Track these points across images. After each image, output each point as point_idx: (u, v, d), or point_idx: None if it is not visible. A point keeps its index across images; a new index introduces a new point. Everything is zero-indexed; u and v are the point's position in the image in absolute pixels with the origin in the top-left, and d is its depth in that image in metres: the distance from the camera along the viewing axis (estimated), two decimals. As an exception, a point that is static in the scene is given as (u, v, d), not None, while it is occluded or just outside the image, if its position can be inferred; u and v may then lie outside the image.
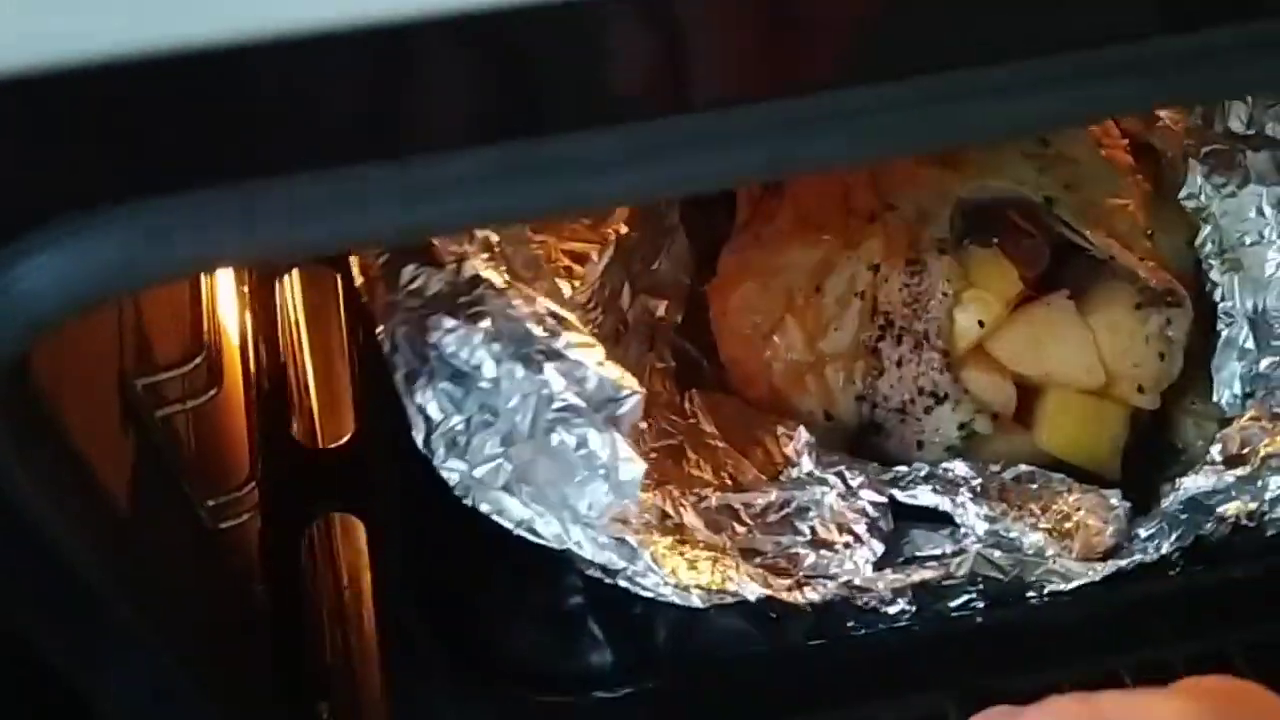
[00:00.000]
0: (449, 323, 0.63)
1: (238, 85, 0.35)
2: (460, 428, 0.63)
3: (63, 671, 0.49)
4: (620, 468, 0.61)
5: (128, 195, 0.36)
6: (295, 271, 0.77)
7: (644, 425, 0.69)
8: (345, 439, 0.71)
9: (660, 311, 0.79)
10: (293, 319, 0.76)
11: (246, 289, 0.78)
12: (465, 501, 0.64)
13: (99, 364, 0.55)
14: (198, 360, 0.65)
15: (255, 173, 0.37)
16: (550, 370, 0.62)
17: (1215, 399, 0.74)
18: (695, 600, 0.63)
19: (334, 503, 0.70)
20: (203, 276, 0.69)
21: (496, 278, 0.63)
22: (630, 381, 0.61)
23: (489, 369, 0.62)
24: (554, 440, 0.62)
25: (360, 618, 0.68)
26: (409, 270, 0.64)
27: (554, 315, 0.63)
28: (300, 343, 0.76)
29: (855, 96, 0.40)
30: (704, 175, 0.42)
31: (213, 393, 0.66)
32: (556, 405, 0.61)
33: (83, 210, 0.36)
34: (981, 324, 0.70)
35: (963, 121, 0.43)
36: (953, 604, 0.67)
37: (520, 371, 0.62)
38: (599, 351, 0.62)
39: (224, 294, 0.75)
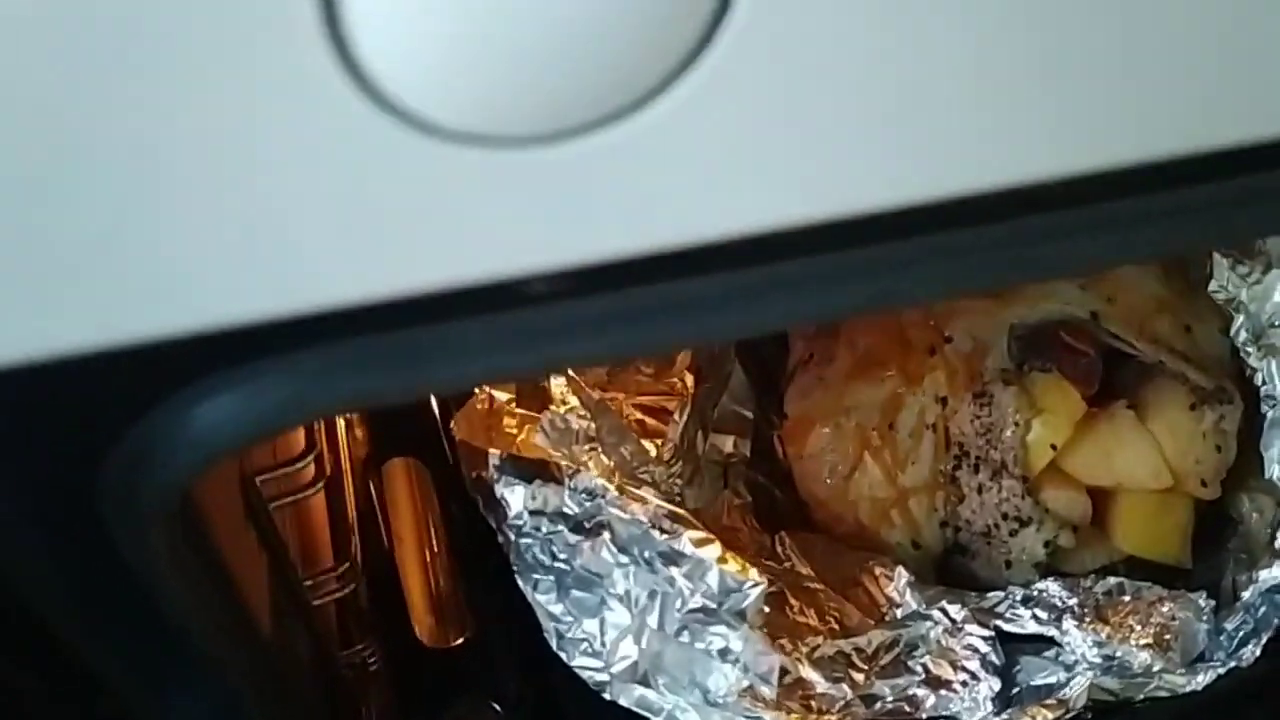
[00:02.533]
0: (573, 538, 0.66)
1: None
2: (594, 631, 0.67)
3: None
4: (758, 661, 0.64)
5: (298, 343, 0.39)
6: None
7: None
8: (463, 638, 0.74)
9: (729, 448, 0.83)
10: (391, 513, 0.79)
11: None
12: (604, 696, 0.67)
13: (228, 466, 0.59)
14: (311, 457, 0.70)
15: (402, 324, 0.39)
16: (674, 572, 0.65)
17: (1267, 475, 0.79)
18: (833, 762, 0.67)
19: (465, 698, 0.73)
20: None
21: (611, 488, 0.66)
22: (752, 574, 0.65)
23: (617, 576, 0.65)
24: (684, 638, 0.65)
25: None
26: (527, 490, 0.66)
27: (670, 516, 0.66)
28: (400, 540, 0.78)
29: (952, 238, 0.43)
30: (810, 311, 0.46)
31: (320, 486, 0.72)
32: (684, 607, 0.65)
33: (257, 354, 0.38)
34: (1054, 447, 0.74)
35: (1053, 260, 0.46)
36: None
37: (646, 576, 0.65)
38: (717, 547, 0.65)
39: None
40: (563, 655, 0.67)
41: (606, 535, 0.65)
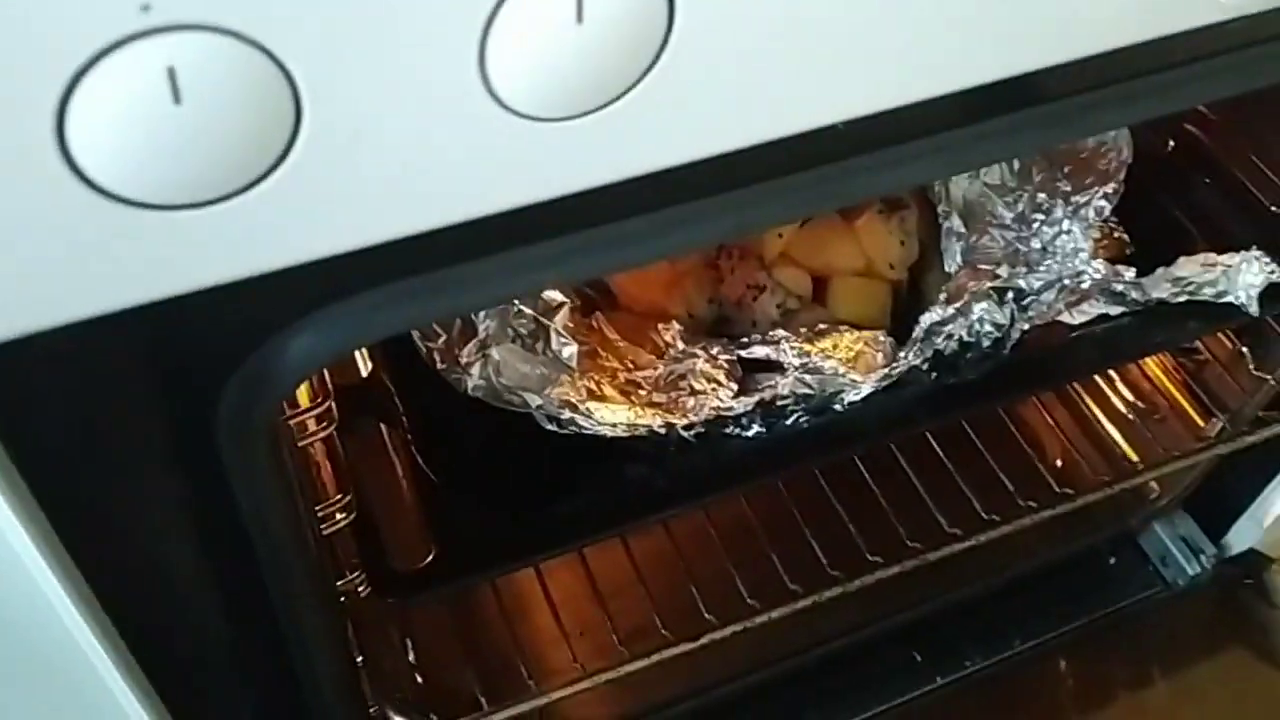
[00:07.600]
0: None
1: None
2: (454, 339, 0.96)
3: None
4: (562, 350, 0.94)
5: (362, 288, 0.53)
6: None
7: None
8: (368, 372, 1.03)
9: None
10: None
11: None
12: (459, 390, 0.97)
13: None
14: (327, 403, 0.84)
15: (432, 266, 0.54)
16: (510, 295, 0.95)
17: (948, 269, 1.10)
18: (620, 432, 0.96)
19: (368, 419, 1.02)
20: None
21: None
22: (561, 296, 0.95)
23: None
24: (514, 339, 0.95)
25: (399, 484, 1.00)
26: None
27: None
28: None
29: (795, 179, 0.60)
30: (700, 238, 0.65)
31: (333, 428, 0.86)
32: (514, 313, 0.95)
33: (329, 300, 0.52)
34: (781, 235, 1.05)
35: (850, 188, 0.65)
36: (788, 421, 1.01)
37: (488, 299, 0.95)
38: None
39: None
40: (430, 363, 0.97)
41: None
